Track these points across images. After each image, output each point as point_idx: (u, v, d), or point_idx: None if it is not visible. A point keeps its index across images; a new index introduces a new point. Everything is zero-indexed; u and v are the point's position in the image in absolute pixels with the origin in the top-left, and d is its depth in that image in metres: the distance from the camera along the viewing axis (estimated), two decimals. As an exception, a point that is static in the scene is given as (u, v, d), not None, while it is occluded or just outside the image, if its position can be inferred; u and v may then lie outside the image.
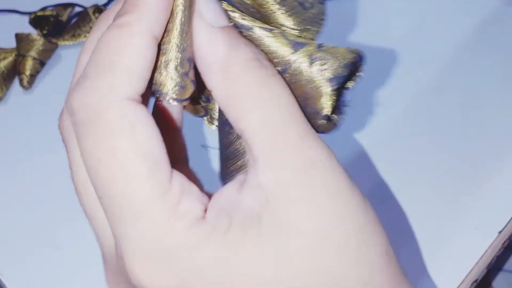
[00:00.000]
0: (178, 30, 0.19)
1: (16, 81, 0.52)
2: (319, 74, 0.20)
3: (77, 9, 0.57)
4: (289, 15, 0.20)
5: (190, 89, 0.20)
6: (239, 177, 0.20)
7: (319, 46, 0.20)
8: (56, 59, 0.54)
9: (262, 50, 0.20)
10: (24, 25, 0.55)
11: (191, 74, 0.20)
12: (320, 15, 0.21)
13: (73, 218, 0.42)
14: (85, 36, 0.54)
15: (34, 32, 0.53)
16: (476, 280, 0.39)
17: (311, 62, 0.20)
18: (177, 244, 0.18)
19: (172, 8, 0.19)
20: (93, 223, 0.21)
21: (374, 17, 0.55)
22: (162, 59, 0.19)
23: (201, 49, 0.19)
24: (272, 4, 0.20)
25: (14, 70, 0.52)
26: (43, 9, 0.55)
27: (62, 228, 0.42)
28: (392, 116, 0.47)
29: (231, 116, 0.19)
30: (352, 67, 0.20)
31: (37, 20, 0.54)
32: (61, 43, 0.54)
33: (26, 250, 0.42)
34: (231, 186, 0.20)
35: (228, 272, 0.18)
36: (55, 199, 0.44)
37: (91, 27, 0.54)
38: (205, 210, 0.19)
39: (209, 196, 0.20)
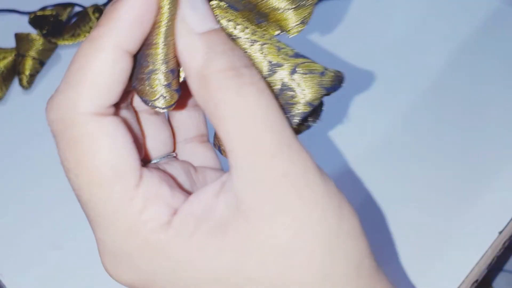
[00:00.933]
0: (162, 43, 0.20)
1: (15, 81, 0.52)
2: (286, 106, 0.20)
3: (77, 9, 0.57)
4: None
5: (174, 97, 0.20)
6: (223, 178, 0.20)
7: (293, 72, 0.20)
8: (55, 59, 0.54)
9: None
10: (23, 25, 0.55)
11: (174, 84, 0.20)
12: None
13: (73, 218, 0.42)
14: (84, 36, 0.54)
15: (33, 32, 0.53)
16: (476, 281, 0.39)
17: (281, 92, 0.20)
18: (139, 247, 0.19)
19: (156, 20, 0.19)
20: None
21: (373, 16, 0.55)
22: (145, 71, 0.20)
23: (181, 56, 0.20)
24: None
25: (14, 70, 0.52)
26: (43, 9, 0.55)
27: (63, 229, 0.42)
28: (389, 116, 0.47)
29: (211, 121, 0.20)
30: (321, 100, 0.20)
31: (36, 20, 0.54)
32: (60, 43, 0.54)
33: (26, 250, 0.42)
34: (212, 188, 0.20)
35: (187, 275, 0.19)
36: (55, 199, 0.44)
37: (90, 27, 0.54)
38: (175, 213, 0.20)
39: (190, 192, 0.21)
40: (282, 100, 0.20)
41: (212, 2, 0.21)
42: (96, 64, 0.19)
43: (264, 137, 0.18)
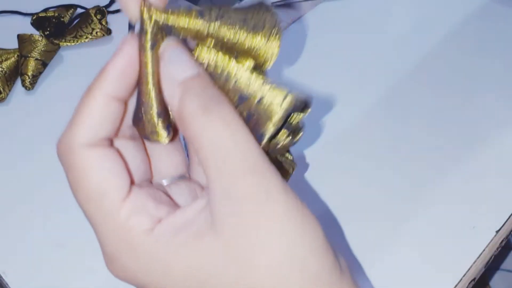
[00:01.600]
0: (149, 91, 0.24)
1: (18, 82, 0.52)
2: (255, 128, 0.24)
3: (79, 10, 0.57)
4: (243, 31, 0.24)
5: (164, 133, 0.25)
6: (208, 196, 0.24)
7: (259, 100, 0.24)
8: (58, 60, 0.54)
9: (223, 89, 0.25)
10: (26, 26, 0.55)
11: (162, 123, 0.25)
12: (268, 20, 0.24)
13: (75, 217, 0.42)
14: (86, 37, 0.55)
15: (36, 33, 0.53)
16: (474, 279, 0.39)
17: (248, 119, 0.24)
18: (127, 249, 0.24)
19: (142, 72, 0.24)
20: None
21: (363, 16, 0.55)
22: (140, 112, 0.25)
23: (166, 100, 0.24)
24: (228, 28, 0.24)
25: (16, 71, 0.52)
26: (45, 10, 0.56)
27: (65, 227, 0.43)
28: (378, 105, 0.47)
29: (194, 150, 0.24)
30: (283, 121, 0.24)
31: (39, 21, 0.54)
32: (63, 44, 0.54)
33: (29, 249, 0.42)
34: (197, 204, 0.24)
35: (163, 273, 0.24)
36: (57, 198, 0.44)
37: (93, 28, 0.55)
38: (159, 222, 0.24)
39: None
40: (252, 123, 0.24)
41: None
42: (89, 108, 0.24)
43: (231, 163, 0.22)
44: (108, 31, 0.56)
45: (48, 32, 0.54)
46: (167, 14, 0.24)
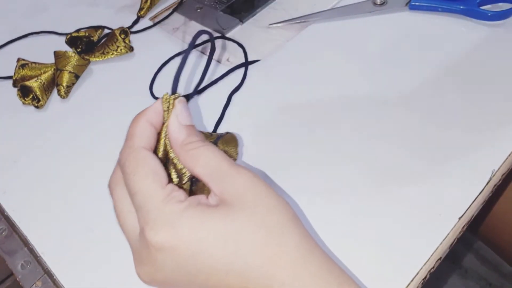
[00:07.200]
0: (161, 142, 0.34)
1: (54, 91, 0.55)
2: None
3: (106, 30, 0.60)
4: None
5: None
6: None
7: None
8: (88, 72, 0.57)
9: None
10: (61, 44, 0.58)
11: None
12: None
13: (101, 208, 0.45)
14: (112, 54, 0.57)
15: (70, 50, 0.55)
16: (440, 258, 0.40)
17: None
18: (165, 220, 0.30)
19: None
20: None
21: (347, 35, 0.56)
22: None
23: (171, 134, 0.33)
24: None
25: (53, 82, 0.54)
26: (77, 30, 0.58)
27: (93, 216, 0.45)
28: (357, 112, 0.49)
29: (187, 168, 0.32)
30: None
31: (72, 40, 0.57)
32: (92, 59, 0.56)
33: (63, 233, 0.44)
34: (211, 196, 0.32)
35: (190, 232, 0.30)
36: (86, 191, 0.46)
37: (118, 46, 0.56)
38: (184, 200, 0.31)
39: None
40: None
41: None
42: (139, 128, 0.33)
43: (217, 168, 0.31)
44: (131, 48, 0.57)
45: (80, 49, 0.56)
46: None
